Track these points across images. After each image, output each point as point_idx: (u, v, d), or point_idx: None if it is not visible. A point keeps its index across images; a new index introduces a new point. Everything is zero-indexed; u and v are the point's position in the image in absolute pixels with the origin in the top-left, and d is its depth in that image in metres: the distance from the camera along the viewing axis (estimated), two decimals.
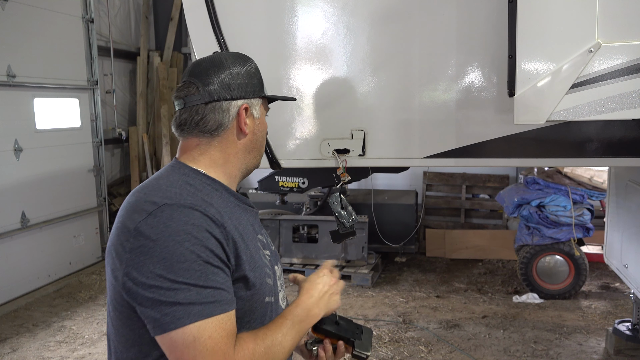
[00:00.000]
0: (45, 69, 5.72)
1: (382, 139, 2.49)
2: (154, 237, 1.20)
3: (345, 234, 2.74)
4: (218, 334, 1.18)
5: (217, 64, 1.40)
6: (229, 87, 1.38)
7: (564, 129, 2.29)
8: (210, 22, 2.46)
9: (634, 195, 3.44)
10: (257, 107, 1.45)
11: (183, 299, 1.17)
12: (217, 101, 1.38)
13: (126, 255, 1.22)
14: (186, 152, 1.42)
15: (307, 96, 2.50)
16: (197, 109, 1.38)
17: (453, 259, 6.55)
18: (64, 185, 6.00)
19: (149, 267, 1.19)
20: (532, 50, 2.05)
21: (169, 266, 1.19)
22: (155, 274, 1.19)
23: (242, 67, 1.42)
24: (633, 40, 1.94)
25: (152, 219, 1.22)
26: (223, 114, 1.39)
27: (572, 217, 5.01)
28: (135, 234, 1.22)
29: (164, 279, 1.18)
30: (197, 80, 1.38)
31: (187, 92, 1.39)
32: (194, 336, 1.17)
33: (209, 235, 1.24)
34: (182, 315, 1.17)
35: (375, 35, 2.41)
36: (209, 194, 1.34)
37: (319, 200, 6.09)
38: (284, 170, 3.56)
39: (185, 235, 1.21)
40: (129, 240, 1.23)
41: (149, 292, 1.19)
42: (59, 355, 4.21)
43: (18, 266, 5.37)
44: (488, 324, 4.62)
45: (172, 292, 1.18)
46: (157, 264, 1.19)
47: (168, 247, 1.19)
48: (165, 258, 1.19)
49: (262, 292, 1.37)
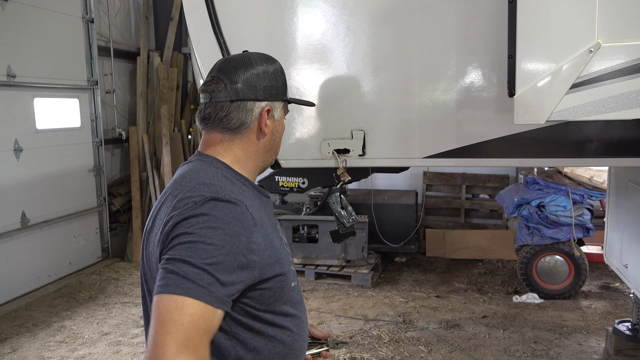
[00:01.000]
0: (45, 69, 5.72)
1: (382, 139, 2.49)
2: (197, 225, 1.25)
3: (345, 234, 2.75)
4: (194, 320, 1.19)
5: (246, 63, 1.44)
6: (255, 88, 1.43)
7: (564, 129, 2.29)
8: (210, 22, 2.46)
9: (634, 195, 3.44)
10: (279, 110, 1.51)
11: (186, 272, 1.20)
12: (242, 100, 1.42)
13: (168, 242, 1.27)
14: (210, 146, 1.46)
15: (307, 96, 2.50)
16: (222, 106, 1.42)
17: (453, 259, 6.55)
18: (64, 185, 6.00)
19: (180, 241, 1.24)
20: (532, 50, 2.05)
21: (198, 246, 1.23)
22: (185, 246, 1.23)
23: (269, 68, 1.47)
24: (633, 40, 1.94)
25: (195, 209, 1.27)
26: (247, 114, 1.43)
27: (572, 217, 5.01)
28: (180, 222, 1.26)
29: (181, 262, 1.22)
30: (225, 77, 1.43)
31: (215, 87, 1.43)
32: (172, 306, 1.19)
33: (242, 233, 1.28)
34: (176, 283, 1.20)
35: (375, 35, 2.41)
36: (240, 187, 1.40)
37: (319, 200, 6.09)
38: (284, 170, 3.55)
39: (220, 224, 1.26)
40: (173, 229, 1.26)
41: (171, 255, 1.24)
42: (59, 355, 4.21)
43: (18, 266, 5.37)
44: (488, 324, 4.62)
45: (182, 263, 1.22)
46: (184, 249, 1.23)
47: (203, 232, 1.24)
48: (198, 241, 1.23)
49: (289, 278, 1.43)
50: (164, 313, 1.18)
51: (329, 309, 5.02)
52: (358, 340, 4.34)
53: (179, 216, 1.27)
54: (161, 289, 1.21)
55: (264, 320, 1.37)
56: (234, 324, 1.34)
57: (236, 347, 1.35)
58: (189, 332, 1.17)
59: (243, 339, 1.35)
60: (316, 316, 4.85)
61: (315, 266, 5.81)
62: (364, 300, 5.23)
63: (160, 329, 1.17)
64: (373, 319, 4.78)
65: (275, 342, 1.40)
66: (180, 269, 1.21)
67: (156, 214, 1.40)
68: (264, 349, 1.38)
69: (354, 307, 5.07)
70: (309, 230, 5.88)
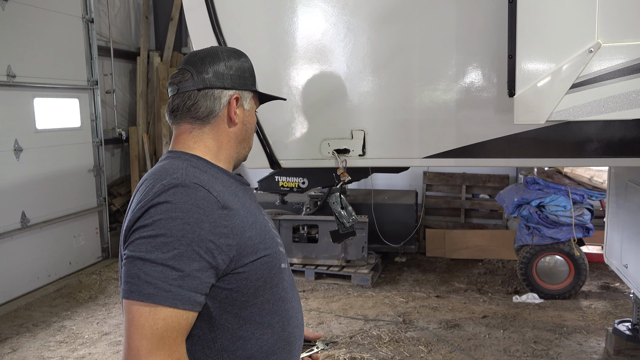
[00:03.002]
0: (45, 69, 5.72)
1: (382, 139, 2.49)
2: (151, 219, 1.24)
3: (345, 234, 2.75)
4: (169, 326, 1.20)
5: (212, 55, 1.46)
6: (222, 77, 1.44)
7: (564, 129, 2.29)
8: (210, 22, 2.46)
9: (634, 195, 3.44)
10: (248, 100, 1.51)
11: (145, 273, 1.20)
12: (209, 88, 1.43)
13: (128, 235, 1.27)
14: (180, 140, 1.45)
15: (308, 96, 2.50)
16: (190, 95, 1.42)
17: (453, 259, 6.55)
18: (64, 185, 6.00)
19: (142, 236, 1.23)
20: (532, 50, 2.05)
21: (152, 246, 1.22)
22: (137, 248, 1.22)
23: (236, 60, 1.48)
24: (633, 40, 1.94)
25: (153, 201, 1.26)
26: (214, 101, 1.43)
27: (572, 217, 5.01)
28: (143, 212, 1.26)
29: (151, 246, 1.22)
30: (192, 68, 1.44)
31: (182, 78, 1.44)
32: (139, 316, 1.19)
33: (205, 219, 1.26)
34: (137, 287, 1.20)
35: (375, 35, 2.41)
36: (212, 175, 1.39)
37: (319, 200, 6.09)
38: (284, 170, 3.56)
39: (181, 221, 1.24)
40: (135, 222, 1.26)
41: (132, 253, 1.23)
42: (59, 355, 4.21)
43: (18, 266, 5.37)
44: (488, 324, 4.62)
45: (140, 264, 1.21)
46: (141, 245, 1.23)
47: (160, 229, 1.23)
48: (151, 238, 1.22)
49: (278, 259, 1.42)
50: (137, 317, 1.19)
51: (329, 309, 5.02)
52: (358, 340, 4.34)
53: (140, 210, 1.26)
54: (128, 294, 1.20)
55: (252, 305, 1.35)
56: (219, 313, 1.31)
57: (221, 337, 1.33)
58: (163, 335, 1.19)
59: (229, 328, 1.33)
60: (316, 316, 4.86)
61: (315, 266, 5.81)
62: (364, 300, 5.23)
63: (134, 333, 1.18)
64: (373, 319, 4.78)
65: (263, 329, 1.37)
66: (142, 269, 1.20)
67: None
68: (252, 337, 1.36)
69: (354, 307, 5.07)
70: (309, 230, 5.88)
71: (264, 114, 2.53)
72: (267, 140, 2.57)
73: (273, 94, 1.62)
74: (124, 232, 1.31)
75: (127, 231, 1.28)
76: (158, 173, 1.35)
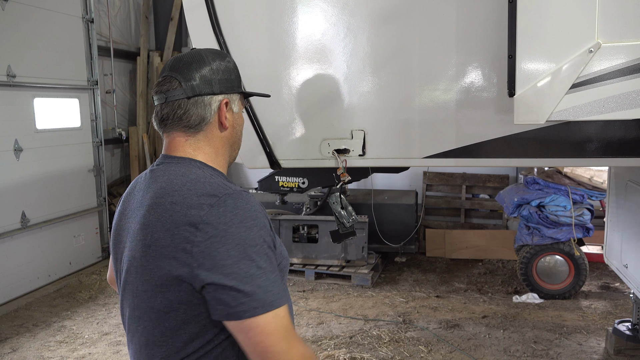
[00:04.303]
0: (45, 69, 5.72)
1: (382, 139, 2.49)
2: (224, 225, 1.24)
3: (345, 234, 2.75)
4: (288, 319, 1.27)
5: (197, 59, 1.43)
6: (210, 82, 1.42)
7: (564, 129, 2.30)
8: (210, 22, 2.47)
9: (634, 195, 3.44)
10: (236, 102, 1.50)
11: (260, 285, 1.23)
12: (199, 96, 1.40)
13: (195, 249, 1.24)
14: (178, 148, 1.43)
15: (308, 96, 2.50)
16: (180, 104, 1.40)
17: (453, 259, 6.55)
18: (64, 185, 6.00)
19: (223, 255, 1.23)
20: (532, 50, 2.05)
21: (242, 251, 1.24)
22: (232, 261, 1.23)
23: (221, 62, 1.46)
24: (633, 40, 1.94)
25: (220, 208, 1.26)
26: (205, 108, 1.42)
27: (572, 217, 5.00)
28: (202, 227, 1.24)
29: (240, 264, 1.23)
30: (178, 75, 1.41)
31: (169, 86, 1.41)
32: (276, 325, 1.24)
33: (267, 221, 1.33)
34: (274, 299, 1.24)
35: (375, 35, 2.41)
36: (224, 180, 1.41)
37: (319, 200, 6.09)
38: (284, 170, 3.56)
39: (252, 221, 1.28)
40: (196, 234, 1.24)
41: (227, 280, 1.22)
42: (59, 355, 4.21)
43: (18, 266, 5.37)
44: (488, 324, 4.62)
45: (249, 278, 1.23)
46: (231, 251, 1.23)
47: (240, 234, 1.25)
48: (239, 244, 1.24)
49: (285, 272, 1.44)
50: (267, 327, 1.23)
51: (329, 309, 5.02)
52: (358, 340, 4.34)
53: (206, 226, 1.24)
54: (252, 312, 1.22)
55: None
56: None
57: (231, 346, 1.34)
58: (289, 328, 1.27)
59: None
60: (316, 316, 4.86)
61: (315, 266, 5.81)
62: (364, 300, 5.22)
63: (271, 341, 1.23)
64: (373, 319, 4.78)
65: None
66: (251, 283, 1.23)
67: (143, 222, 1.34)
68: None
69: (354, 307, 5.07)
70: (309, 230, 5.88)
71: (264, 114, 2.53)
72: (267, 140, 2.57)
73: (273, 94, 1.62)
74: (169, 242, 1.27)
75: (180, 244, 1.25)
76: (184, 181, 1.34)
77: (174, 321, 1.31)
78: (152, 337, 1.35)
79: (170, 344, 1.33)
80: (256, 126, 2.54)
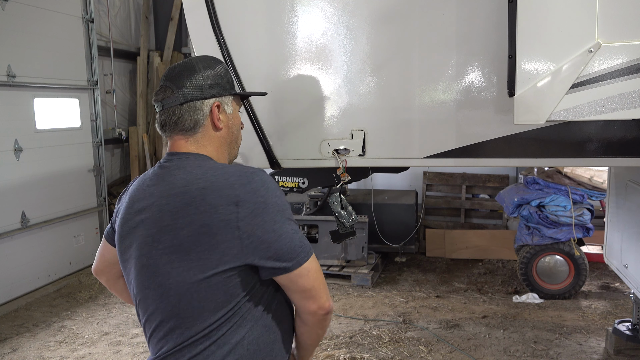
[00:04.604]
0: (45, 69, 5.72)
1: (382, 139, 2.49)
2: (262, 197, 1.42)
3: (345, 234, 2.75)
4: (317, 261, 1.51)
5: (189, 68, 1.56)
6: (200, 88, 1.54)
7: (564, 129, 2.29)
8: (210, 22, 2.46)
9: (634, 195, 3.44)
10: (229, 104, 1.61)
11: (301, 236, 1.46)
12: (190, 101, 1.54)
13: (241, 223, 1.39)
14: (181, 147, 1.56)
15: (308, 96, 2.50)
16: (174, 110, 1.54)
17: (453, 259, 6.55)
18: (64, 185, 6.00)
19: (271, 222, 1.42)
20: (532, 50, 2.04)
21: (281, 215, 1.44)
22: (277, 226, 1.42)
23: (212, 69, 1.58)
24: (633, 40, 1.94)
25: (252, 184, 1.43)
26: (197, 112, 1.54)
27: (572, 217, 5.00)
28: (242, 204, 1.40)
29: (287, 224, 1.44)
30: (171, 84, 1.55)
31: (164, 95, 1.55)
32: (315, 264, 1.47)
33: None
34: (308, 248, 1.46)
35: (375, 35, 2.41)
36: None
37: (319, 200, 6.09)
38: (284, 170, 3.56)
39: (278, 190, 1.49)
40: (238, 211, 1.40)
41: (281, 243, 1.42)
42: (59, 355, 4.21)
43: (18, 266, 5.37)
44: (488, 324, 4.62)
45: (295, 233, 1.45)
46: (276, 216, 1.43)
47: (276, 200, 1.45)
48: (278, 211, 1.44)
49: None
50: (313, 270, 1.46)
51: None
52: (358, 340, 4.34)
53: (245, 202, 1.40)
54: (304, 257, 1.44)
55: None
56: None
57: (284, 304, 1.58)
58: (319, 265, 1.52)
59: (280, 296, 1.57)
60: None
61: None
62: (364, 300, 5.23)
63: (317, 282, 1.47)
64: (373, 319, 4.78)
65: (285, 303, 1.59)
66: (296, 237, 1.45)
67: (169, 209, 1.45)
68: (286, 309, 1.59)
69: (354, 307, 5.07)
70: (309, 230, 5.88)
71: (265, 114, 2.53)
72: (267, 140, 2.57)
73: (273, 94, 1.68)
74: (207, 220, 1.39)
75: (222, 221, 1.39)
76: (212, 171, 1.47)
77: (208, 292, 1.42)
78: (189, 306, 1.44)
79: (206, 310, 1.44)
80: (256, 126, 2.54)
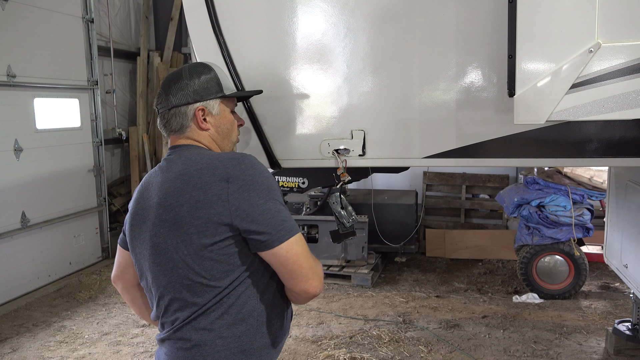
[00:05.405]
0: (45, 69, 5.72)
1: (382, 139, 2.49)
2: (250, 176, 1.56)
3: (345, 234, 2.74)
4: (305, 243, 1.62)
5: (178, 76, 1.75)
6: (185, 95, 1.72)
7: (564, 129, 2.29)
8: (210, 22, 2.46)
9: (634, 195, 3.44)
10: (216, 106, 1.76)
11: (286, 216, 1.57)
12: (176, 107, 1.72)
13: (231, 197, 1.54)
14: (179, 142, 1.75)
15: (307, 96, 2.50)
16: (164, 114, 1.74)
17: (453, 259, 6.55)
18: (64, 185, 6.00)
19: (255, 199, 1.54)
20: (532, 50, 2.04)
21: (268, 194, 1.57)
22: (262, 201, 1.55)
23: (197, 77, 1.74)
24: (633, 40, 1.94)
25: (241, 165, 1.57)
26: (182, 117, 1.73)
27: (572, 217, 5.01)
28: (232, 180, 1.55)
29: (271, 202, 1.56)
30: (163, 92, 1.75)
31: (158, 101, 1.77)
32: (299, 246, 1.57)
33: None
34: (292, 228, 1.57)
35: (375, 35, 2.40)
36: None
37: (319, 200, 6.09)
38: (284, 170, 3.55)
39: (267, 172, 1.61)
40: (228, 187, 1.54)
41: (261, 219, 1.53)
42: (59, 355, 4.21)
43: (18, 266, 5.37)
44: (488, 324, 4.62)
45: (278, 212, 1.56)
46: (262, 193, 1.56)
47: (263, 181, 1.58)
48: (265, 190, 1.57)
49: None
50: (297, 247, 1.56)
51: (329, 309, 5.02)
52: (358, 340, 4.34)
53: (236, 179, 1.55)
54: (287, 233, 1.55)
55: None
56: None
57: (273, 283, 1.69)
58: (307, 248, 1.61)
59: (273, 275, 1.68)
60: (316, 316, 4.86)
61: None
62: (364, 300, 5.23)
63: (302, 258, 1.57)
64: (373, 319, 4.78)
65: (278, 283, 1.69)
66: (281, 216, 1.55)
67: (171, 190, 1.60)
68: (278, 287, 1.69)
69: (354, 307, 5.07)
70: (309, 230, 5.88)
71: (265, 114, 2.53)
72: (267, 140, 2.56)
73: (273, 94, 1.73)
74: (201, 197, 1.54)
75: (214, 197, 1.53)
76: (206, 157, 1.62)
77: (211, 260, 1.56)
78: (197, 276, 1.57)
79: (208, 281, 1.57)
80: (256, 126, 2.54)
